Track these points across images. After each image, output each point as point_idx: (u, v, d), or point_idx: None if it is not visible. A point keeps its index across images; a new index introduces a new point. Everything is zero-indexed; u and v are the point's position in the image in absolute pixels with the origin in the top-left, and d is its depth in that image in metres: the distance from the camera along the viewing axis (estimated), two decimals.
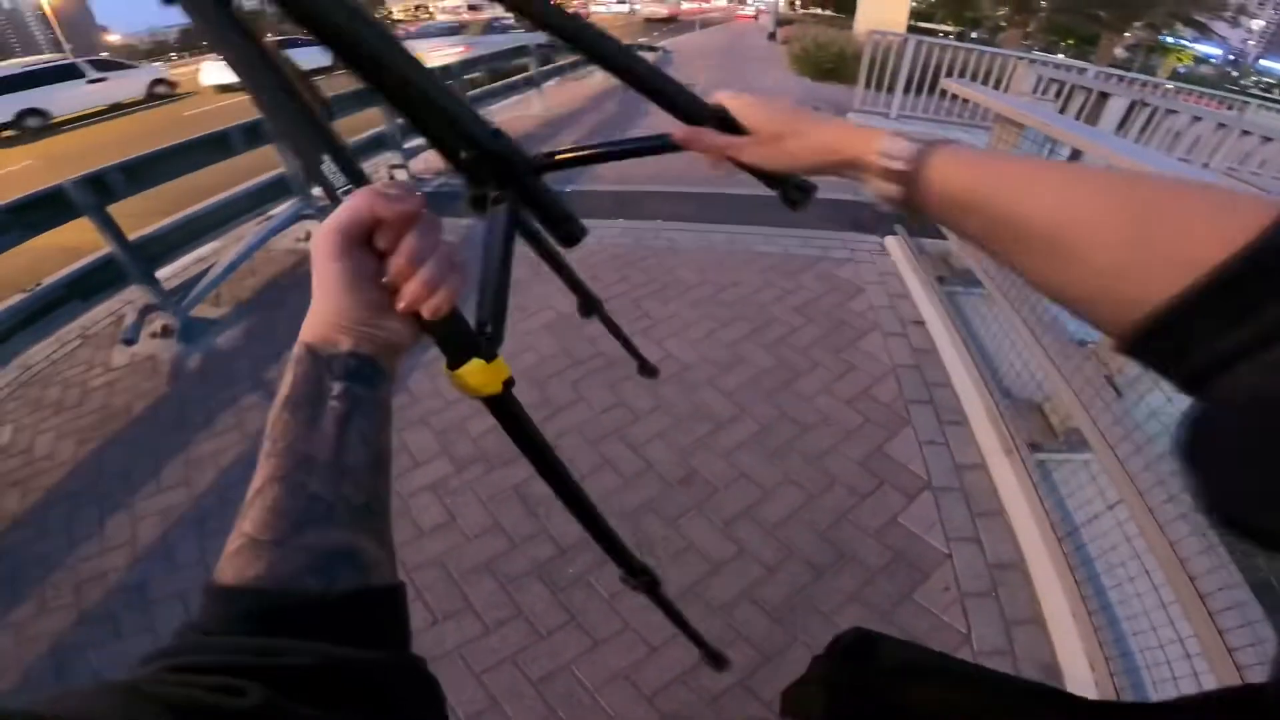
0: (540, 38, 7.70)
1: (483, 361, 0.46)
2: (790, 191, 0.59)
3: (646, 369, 1.46)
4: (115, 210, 2.92)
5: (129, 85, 15.45)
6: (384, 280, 0.39)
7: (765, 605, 1.81)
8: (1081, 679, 1.56)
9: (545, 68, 7.96)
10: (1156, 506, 1.47)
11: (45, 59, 16.28)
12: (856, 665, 0.64)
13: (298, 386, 0.36)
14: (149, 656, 0.28)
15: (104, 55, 19.92)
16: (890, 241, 3.82)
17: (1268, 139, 4.61)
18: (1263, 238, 0.25)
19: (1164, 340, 0.28)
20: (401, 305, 0.39)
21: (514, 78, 7.34)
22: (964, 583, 1.86)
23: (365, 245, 0.38)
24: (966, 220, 0.40)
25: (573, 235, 0.54)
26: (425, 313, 0.40)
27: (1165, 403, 1.68)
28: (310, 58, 0.47)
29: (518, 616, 1.81)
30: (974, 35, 18.80)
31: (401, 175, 5.19)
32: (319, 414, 0.35)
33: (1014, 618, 1.78)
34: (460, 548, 2.00)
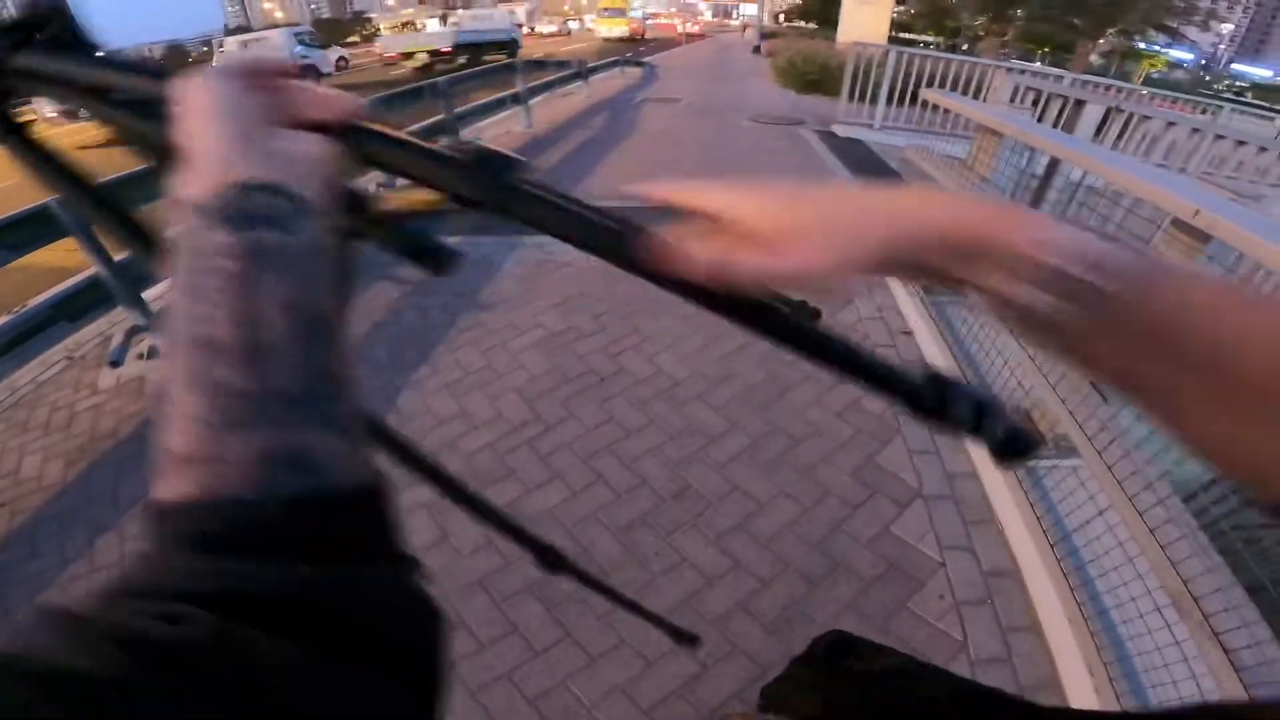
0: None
1: None
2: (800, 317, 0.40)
3: (682, 638, 1.32)
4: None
5: None
6: (269, 100, 0.32)
7: (760, 617, 1.81)
8: (1080, 685, 1.57)
9: (532, 84, 8.01)
10: (1146, 511, 1.49)
11: None
12: (834, 665, 0.65)
13: (183, 260, 0.28)
14: (104, 589, 0.24)
15: None
16: None
17: (1241, 143, 4.72)
18: None
19: None
20: (301, 104, 0.32)
21: (501, 94, 7.38)
22: (959, 591, 1.87)
23: (239, 79, 0.32)
24: (1156, 366, 0.28)
25: (441, 265, 0.44)
26: (328, 110, 0.33)
27: None
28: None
29: (512, 633, 1.79)
30: (964, 47, 19.11)
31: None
32: (212, 284, 0.27)
33: (1010, 625, 1.78)
34: (453, 565, 1.98)
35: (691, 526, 2.09)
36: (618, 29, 33.38)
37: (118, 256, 3.05)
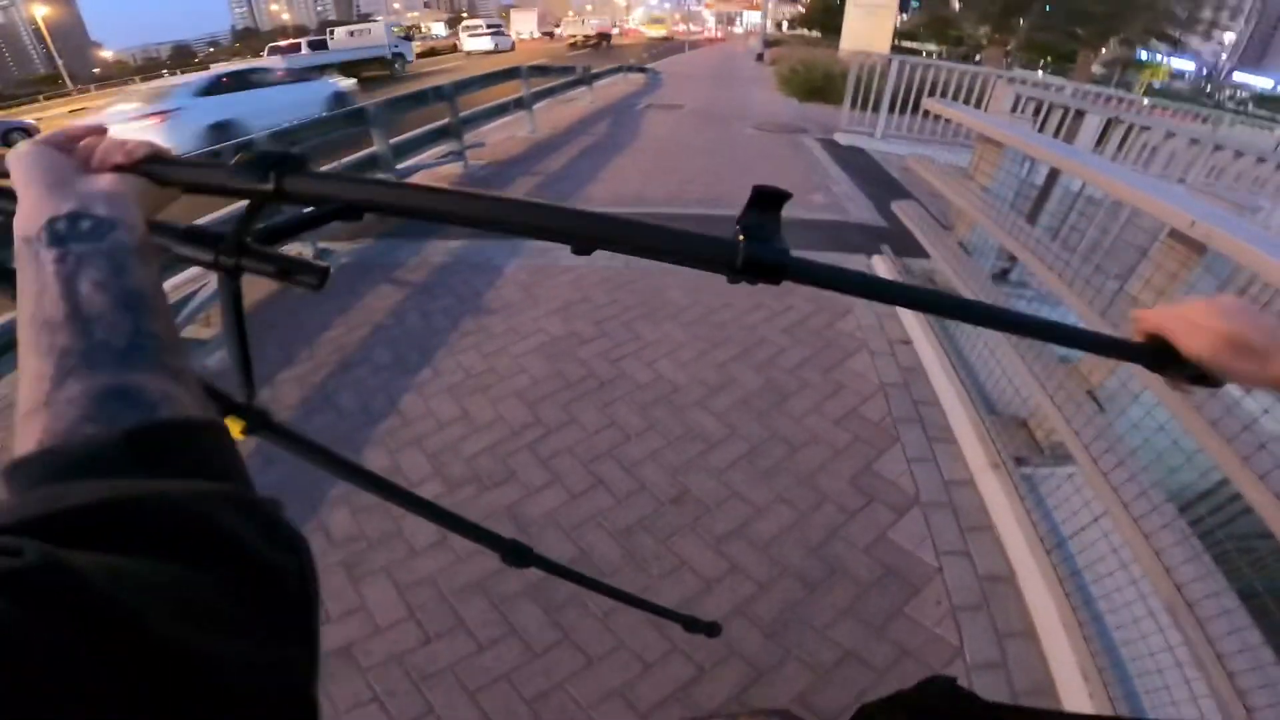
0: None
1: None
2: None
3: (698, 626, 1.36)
4: None
5: None
6: (73, 159, 0.41)
7: (758, 622, 1.82)
8: (1075, 690, 1.58)
9: (535, 89, 8.06)
10: (1140, 517, 1.50)
11: None
12: (942, 704, 0.66)
13: (21, 277, 0.35)
14: None
15: None
16: (877, 261, 3.88)
17: (1240, 154, 4.74)
18: None
19: None
20: (99, 155, 0.41)
21: (504, 99, 7.43)
22: (955, 596, 1.88)
23: (52, 146, 0.41)
24: None
25: (313, 283, 0.47)
26: (123, 154, 0.42)
27: (1145, 416, 1.72)
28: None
29: (511, 635, 1.81)
30: (977, 58, 19.17)
31: None
32: (44, 284, 0.34)
33: (1006, 630, 1.79)
34: (452, 567, 2.00)
35: (690, 531, 2.11)
36: (658, 32, 49.30)
37: None
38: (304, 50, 22.72)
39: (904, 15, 21.38)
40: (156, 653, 0.21)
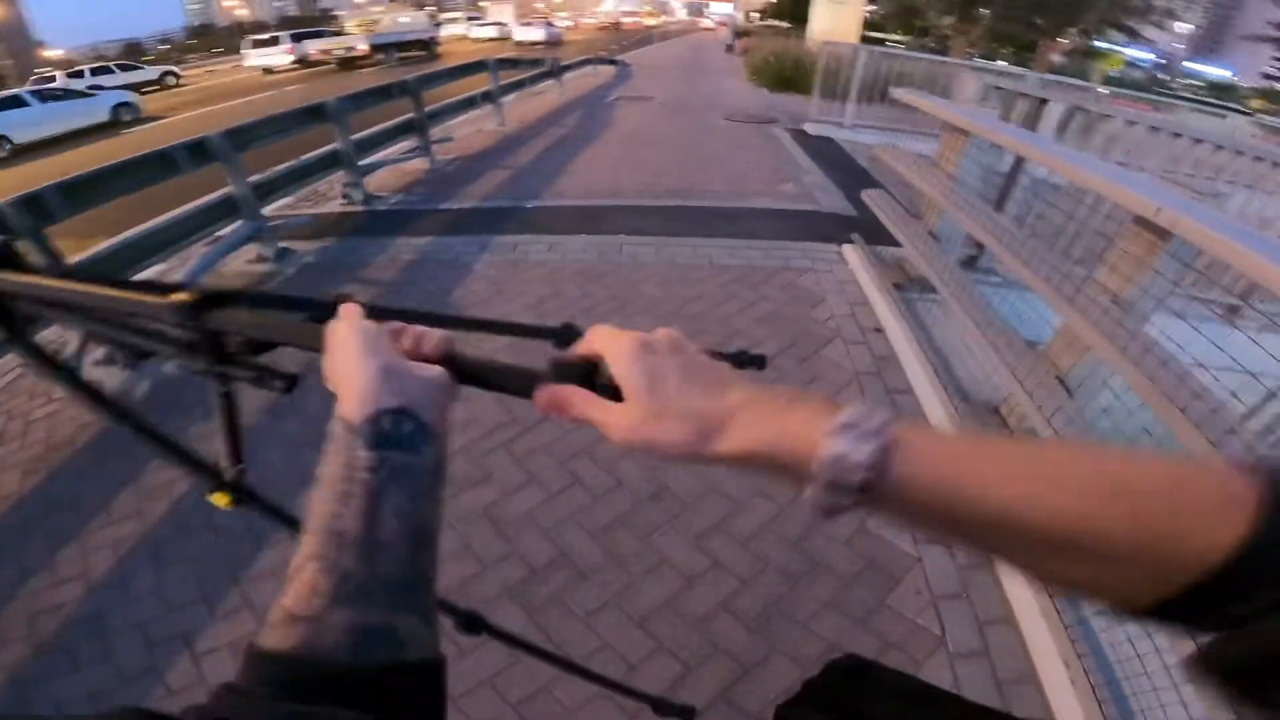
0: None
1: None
2: None
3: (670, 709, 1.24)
4: (56, 230, 2.81)
5: None
6: (394, 342, 0.44)
7: (742, 617, 1.81)
8: (1056, 677, 1.60)
9: (504, 83, 7.93)
10: None
11: None
12: (849, 689, 0.65)
13: (331, 461, 0.37)
14: (186, 712, 0.29)
15: None
16: (848, 250, 3.90)
17: (1198, 141, 4.85)
18: (1252, 538, 0.26)
19: (1176, 616, 0.29)
20: (408, 343, 0.44)
21: (473, 93, 7.30)
22: (935, 585, 1.89)
23: (378, 327, 0.44)
24: (934, 525, 0.33)
25: (284, 388, 0.52)
26: (431, 345, 0.44)
27: (1114, 401, 1.75)
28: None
29: (492, 639, 1.77)
30: (967, 50, 19.37)
31: (356, 194, 5.10)
32: (351, 489, 0.36)
33: (986, 618, 1.81)
34: None
35: (670, 527, 2.09)
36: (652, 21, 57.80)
37: (72, 259, 2.95)
38: (285, 43, 23.63)
39: (871, 5, 21.54)
40: None
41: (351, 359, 0.41)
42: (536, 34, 31.98)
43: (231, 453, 0.60)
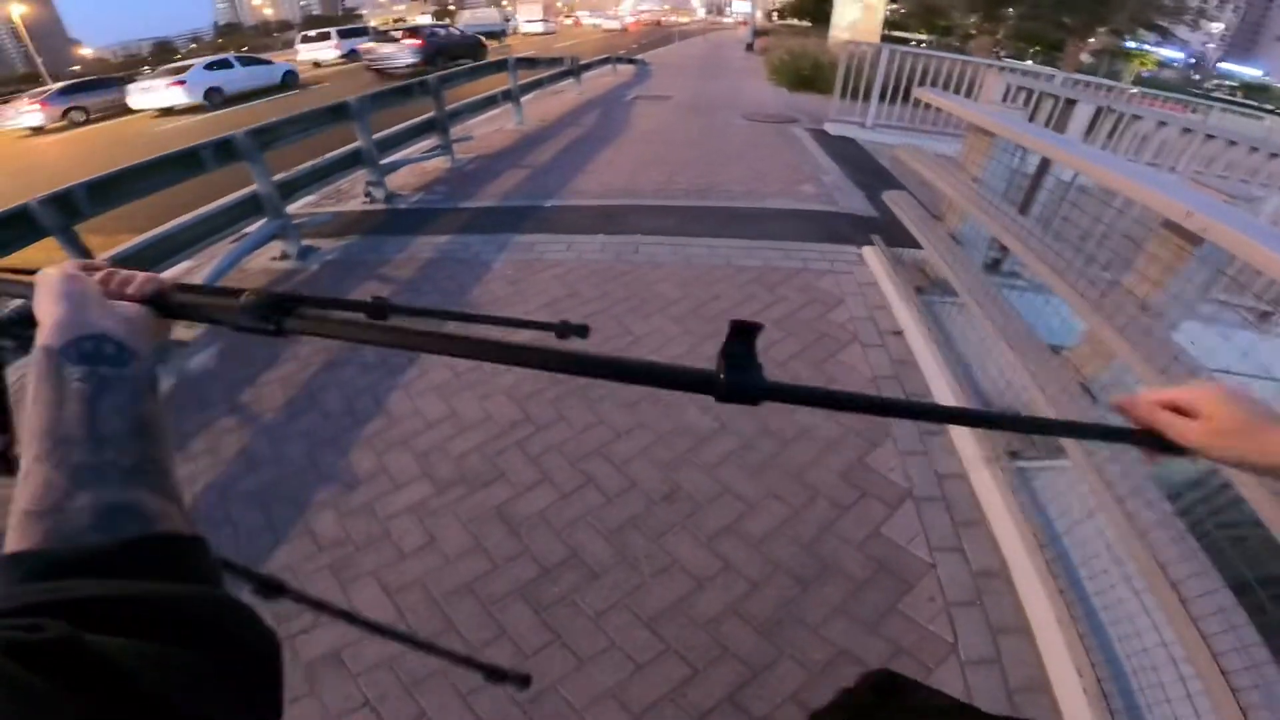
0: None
1: None
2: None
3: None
4: (85, 227, 2.88)
5: None
6: (98, 285, 0.47)
7: (752, 620, 1.80)
8: (1070, 686, 1.56)
9: (523, 82, 7.97)
10: (1134, 513, 1.48)
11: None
12: (883, 701, 0.66)
13: (40, 384, 0.38)
14: None
15: None
16: (868, 252, 3.85)
17: (1232, 143, 4.74)
18: None
19: None
20: (114, 285, 0.47)
21: (492, 91, 7.34)
22: (949, 592, 1.86)
23: (76, 272, 0.46)
24: None
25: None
26: (137, 286, 0.48)
27: None
28: None
29: (501, 637, 1.78)
30: (971, 48, 19.08)
31: (379, 193, 5.15)
32: (64, 398, 0.37)
33: (1000, 626, 1.78)
34: (441, 569, 1.96)
35: (682, 529, 2.08)
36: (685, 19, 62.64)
37: (100, 256, 3.01)
38: (334, 39, 26.39)
39: (893, 4, 21.30)
40: (166, 716, 0.26)
41: (51, 297, 0.43)
42: (537, 26, 42.77)
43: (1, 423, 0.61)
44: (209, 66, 16.48)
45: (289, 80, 18.73)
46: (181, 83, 15.47)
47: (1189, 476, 2.03)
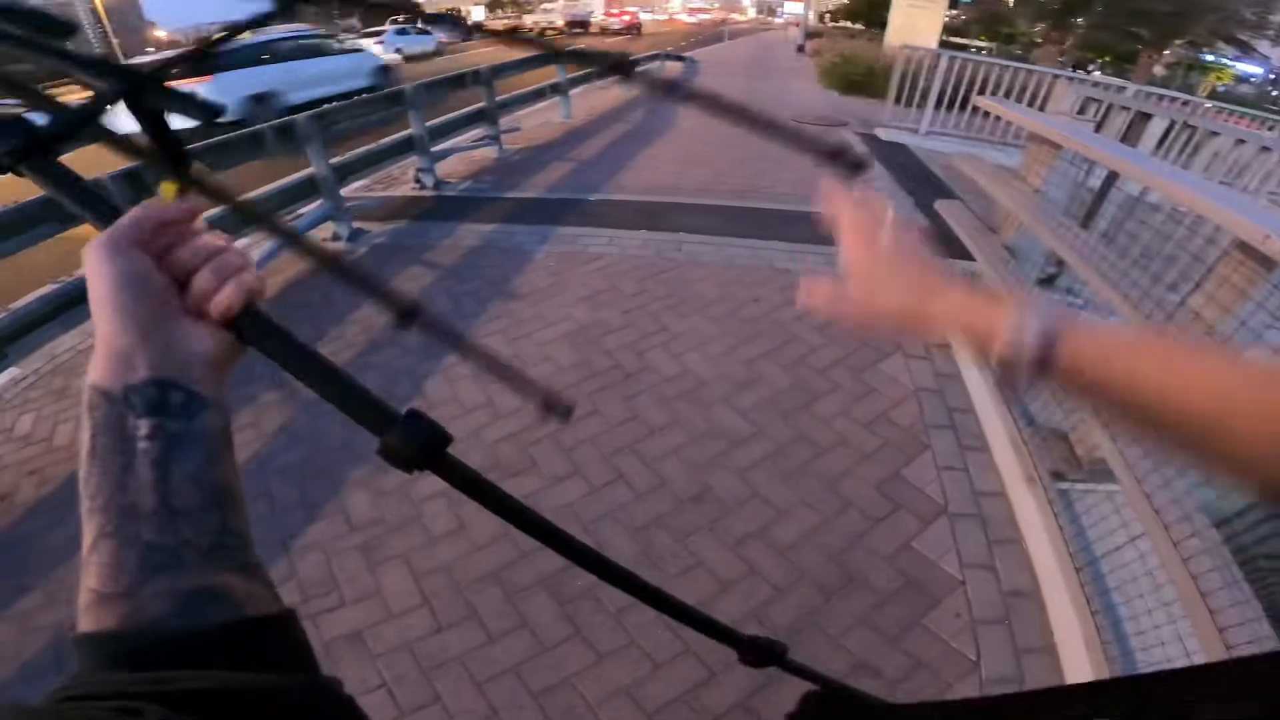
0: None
1: None
2: None
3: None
4: None
5: None
6: (167, 283, 0.35)
7: (772, 626, 1.78)
8: None
9: (571, 76, 8.01)
10: (1181, 541, 1.42)
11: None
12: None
13: (98, 435, 0.32)
14: (48, 695, 0.27)
15: None
16: None
17: None
18: None
19: None
20: (190, 300, 0.35)
21: (540, 84, 7.40)
22: (976, 610, 1.81)
23: (139, 249, 0.34)
24: (1101, 402, 0.40)
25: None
26: (216, 308, 0.35)
27: None
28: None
29: (522, 627, 1.80)
30: (1035, 57, 18.50)
31: (428, 180, 5.25)
32: (130, 461, 0.31)
33: (1025, 646, 1.73)
34: (468, 556, 1.99)
35: (709, 531, 2.07)
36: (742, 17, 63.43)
37: None
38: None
39: (953, 10, 20.73)
40: None
41: (104, 312, 0.33)
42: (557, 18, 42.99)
43: None
44: (397, 33, 22.21)
45: (440, 48, 24.17)
46: (381, 42, 20.29)
47: (1238, 506, 1.94)
